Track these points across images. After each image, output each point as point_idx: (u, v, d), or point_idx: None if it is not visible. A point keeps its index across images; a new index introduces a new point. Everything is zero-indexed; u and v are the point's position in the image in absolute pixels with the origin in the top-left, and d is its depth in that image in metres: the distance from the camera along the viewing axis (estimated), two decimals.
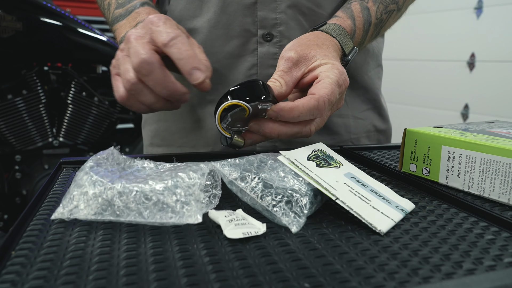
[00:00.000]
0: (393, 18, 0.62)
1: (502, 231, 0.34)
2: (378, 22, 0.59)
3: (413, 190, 0.45)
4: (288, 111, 0.42)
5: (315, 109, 0.43)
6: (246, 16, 0.59)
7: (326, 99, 0.43)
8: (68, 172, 0.49)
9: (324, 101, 0.43)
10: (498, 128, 0.49)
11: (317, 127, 0.47)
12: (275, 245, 0.31)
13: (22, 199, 1.60)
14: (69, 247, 0.30)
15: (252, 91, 0.42)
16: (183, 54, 0.41)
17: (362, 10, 0.57)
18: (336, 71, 0.46)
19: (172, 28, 0.43)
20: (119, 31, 0.55)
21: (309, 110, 0.43)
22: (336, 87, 0.45)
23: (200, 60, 0.41)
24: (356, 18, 0.56)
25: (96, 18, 2.31)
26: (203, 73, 0.40)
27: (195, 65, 0.40)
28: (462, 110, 2.26)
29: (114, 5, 0.58)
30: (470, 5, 2.18)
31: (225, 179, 0.37)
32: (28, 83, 1.57)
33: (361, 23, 0.57)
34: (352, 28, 0.55)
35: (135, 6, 0.56)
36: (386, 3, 0.59)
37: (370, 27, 0.58)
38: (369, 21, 0.58)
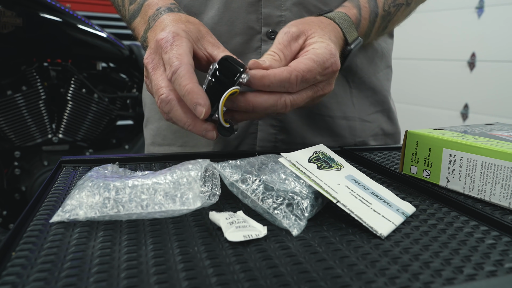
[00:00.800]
0: (402, 13, 0.61)
1: (503, 235, 0.34)
2: (385, 14, 0.58)
3: (414, 192, 0.45)
4: (259, 78, 0.42)
5: (286, 81, 0.42)
6: (250, 13, 0.58)
7: (300, 74, 0.43)
8: (68, 171, 0.49)
9: (297, 76, 0.43)
10: (499, 131, 0.49)
11: (293, 102, 0.45)
12: (276, 248, 0.31)
13: (21, 195, 1.60)
14: (69, 248, 0.30)
15: (231, 69, 0.42)
16: (183, 91, 0.41)
17: (369, 0, 0.57)
18: (326, 51, 0.45)
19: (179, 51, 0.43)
20: (137, 31, 0.55)
21: (279, 81, 0.42)
22: (317, 66, 0.44)
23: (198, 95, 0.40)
24: (362, 8, 0.56)
25: (96, 14, 2.31)
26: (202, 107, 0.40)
27: (194, 101, 0.40)
28: (462, 109, 2.26)
29: (128, 1, 0.57)
30: (472, 4, 2.17)
31: (225, 181, 0.37)
32: (28, 79, 1.57)
33: (367, 13, 0.56)
34: (358, 18, 0.55)
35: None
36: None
37: (376, 19, 0.57)
38: (375, 11, 0.57)
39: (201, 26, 0.49)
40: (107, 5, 2.29)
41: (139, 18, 0.55)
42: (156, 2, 0.53)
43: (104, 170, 0.40)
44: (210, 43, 0.48)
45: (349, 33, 0.52)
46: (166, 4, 0.53)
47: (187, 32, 0.46)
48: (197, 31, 0.48)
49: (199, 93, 0.40)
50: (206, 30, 0.49)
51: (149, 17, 0.52)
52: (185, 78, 0.40)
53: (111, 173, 0.39)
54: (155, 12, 0.52)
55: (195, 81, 0.41)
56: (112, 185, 0.33)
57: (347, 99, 0.64)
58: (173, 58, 0.42)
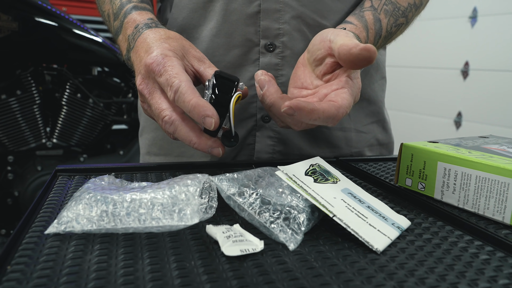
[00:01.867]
0: (401, 31, 0.62)
1: (497, 250, 0.35)
2: (387, 35, 0.59)
3: (409, 205, 0.45)
4: (308, 112, 0.41)
5: (333, 117, 0.43)
6: (248, 25, 0.59)
7: (345, 111, 0.43)
8: (63, 180, 0.49)
9: (343, 113, 0.43)
10: (493, 145, 0.50)
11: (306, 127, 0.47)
12: (272, 262, 0.31)
13: (14, 200, 1.59)
14: (65, 262, 0.30)
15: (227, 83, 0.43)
16: (188, 106, 0.41)
17: (375, 22, 0.57)
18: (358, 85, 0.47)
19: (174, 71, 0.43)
20: (122, 49, 0.55)
21: (327, 117, 0.42)
22: (353, 101, 0.45)
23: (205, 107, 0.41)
24: (369, 30, 0.56)
25: (91, 18, 2.30)
26: (211, 118, 0.40)
27: (202, 114, 0.40)
28: (455, 117, 2.28)
29: (112, 16, 0.58)
30: (465, 14, 2.20)
31: (222, 194, 0.37)
32: (23, 83, 1.56)
33: (373, 35, 0.57)
34: (366, 41, 0.56)
35: (125, 15, 0.55)
36: (396, 16, 0.59)
37: (379, 40, 0.58)
38: (379, 34, 0.58)
39: (182, 41, 0.49)
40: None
41: (121, 35, 0.55)
42: (134, 18, 0.53)
43: (101, 182, 0.39)
44: (195, 58, 0.48)
45: None
46: (143, 19, 0.53)
47: (174, 51, 0.46)
48: (181, 47, 0.48)
49: (205, 106, 0.40)
50: (188, 44, 0.49)
51: (128, 36, 0.53)
52: (188, 94, 0.41)
53: (108, 184, 0.39)
54: (134, 31, 0.52)
55: (198, 95, 0.41)
56: (110, 198, 0.33)
57: None
58: (171, 79, 0.42)
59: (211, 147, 0.43)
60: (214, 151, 0.44)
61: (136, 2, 0.56)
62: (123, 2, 0.57)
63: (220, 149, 0.44)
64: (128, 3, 0.56)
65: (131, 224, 0.32)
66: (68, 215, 0.34)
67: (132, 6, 0.55)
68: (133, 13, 0.54)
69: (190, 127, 0.43)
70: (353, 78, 0.47)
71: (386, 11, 0.59)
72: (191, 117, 0.42)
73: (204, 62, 0.49)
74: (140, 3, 0.57)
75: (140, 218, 0.32)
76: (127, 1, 0.56)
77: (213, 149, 0.44)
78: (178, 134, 0.44)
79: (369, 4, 0.59)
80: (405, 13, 0.60)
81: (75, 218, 0.34)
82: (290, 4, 0.58)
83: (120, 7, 0.56)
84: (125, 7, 0.56)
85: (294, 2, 0.58)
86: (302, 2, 0.58)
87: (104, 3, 0.60)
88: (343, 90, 0.45)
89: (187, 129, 0.43)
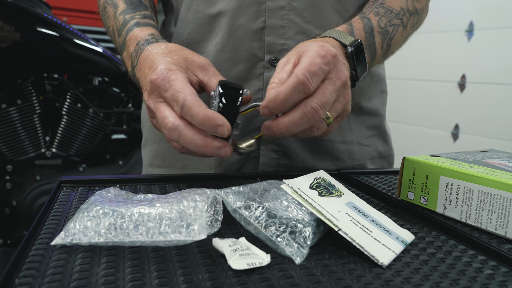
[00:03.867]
0: (401, 35, 0.62)
1: (501, 265, 0.35)
2: (383, 31, 0.59)
3: (412, 219, 0.45)
4: (273, 99, 0.42)
5: (298, 84, 0.42)
6: (253, 41, 0.59)
7: (304, 70, 0.43)
8: (67, 192, 0.49)
9: (303, 73, 0.42)
10: (494, 159, 0.50)
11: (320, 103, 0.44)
12: (279, 276, 0.31)
13: (12, 210, 1.58)
14: (73, 274, 0.30)
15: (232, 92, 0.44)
16: (197, 119, 0.41)
17: (362, 18, 0.58)
18: (314, 45, 0.45)
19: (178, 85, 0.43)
20: (127, 65, 0.56)
21: (292, 88, 0.42)
22: (315, 57, 0.44)
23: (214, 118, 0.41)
24: (353, 23, 0.57)
25: (92, 28, 2.32)
26: (223, 127, 0.41)
27: (214, 124, 0.41)
28: (453, 129, 2.29)
29: (116, 32, 0.59)
30: (462, 27, 2.23)
31: (229, 207, 0.37)
32: (23, 93, 1.57)
33: (361, 25, 0.57)
34: (348, 29, 0.56)
35: (127, 32, 0.56)
36: (390, 18, 0.60)
37: (373, 32, 0.58)
38: (369, 25, 0.58)
39: (184, 52, 0.49)
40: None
41: (125, 52, 0.56)
42: (136, 35, 0.54)
43: (107, 193, 0.40)
44: (199, 68, 0.49)
45: (342, 38, 0.52)
46: (144, 35, 0.54)
47: (177, 64, 0.46)
48: (183, 59, 0.48)
49: (215, 116, 0.41)
50: (190, 53, 0.50)
51: (131, 53, 0.54)
52: (195, 108, 0.41)
53: (114, 197, 0.39)
54: (136, 48, 0.53)
55: (205, 107, 0.41)
56: (118, 212, 0.33)
57: (345, 123, 0.66)
58: (176, 94, 0.43)
59: (218, 148, 0.43)
60: (222, 152, 0.43)
61: (138, 18, 0.57)
62: (126, 19, 0.57)
63: (227, 148, 0.43)
64: (131, 20, 0.57)
65: (138, 238, 0.33)
66: (75, 226, 0.34)
67: (134, 23, 0.56)
68: (135, 29, 0.55)
69: (195, 131, 0.42)
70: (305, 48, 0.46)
71: (376, 12, 0.59)
72: (203, 129, 0.42)
73: (208, 70, 0.49)
74: (143, 18, 0.57)
75: (148, 232, 0.33)
76: (130, 18, 0.57)
77: (220, 150, 0.43)
78: (183, 140, 0.43)
79: (358, 13, 0.60)
80: (398, 16, 0.61)
81: (82, 230, 0.34)
82: (294, 20, 0.59)
83: (123, 23, 0.57)
84: (128, 24, 0.57)
85: (298, 19, 0.59)
86: (306, 19, 0.60)
87: (109, 19, 0.61)
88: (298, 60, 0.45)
89: (192, 133, 0.42)
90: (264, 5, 0.59)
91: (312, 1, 0.59)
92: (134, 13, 0.58)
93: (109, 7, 0.61)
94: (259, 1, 0.59)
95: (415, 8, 0.64)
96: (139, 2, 0.60)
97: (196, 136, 0.42)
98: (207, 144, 0.42)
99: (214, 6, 0.60)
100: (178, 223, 0.33)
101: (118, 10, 0.59)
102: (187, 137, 0.42)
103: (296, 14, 0.59)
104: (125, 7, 0.59)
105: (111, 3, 0.61)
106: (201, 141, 0.42)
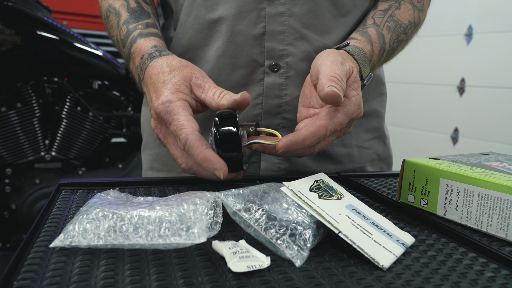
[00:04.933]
0: (401, 48, 0.64)
1: (501, 268, 0.35)
2: (390, 50, 0.61)
3: (412, 222, 0.45)
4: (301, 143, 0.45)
5: (322, 137, 0.46)
6: (253, 46, 0.60)
7: (333, 128, 0.47)
8: (67, 195, 0.49)
9: (331, 130, 0.47)
10: (494, 162, 0.50)
11: (320, 149, 0.50)
12: (279, 279, 0.31)
13: (11, 213, 1.58)
14: (72, 277, 0.30)
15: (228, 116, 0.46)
16: (198, 159, 0.43)
17: (379, 36, 0.59)
18: (356, 104, 0.49)
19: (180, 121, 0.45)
20: (134, 75, 0.57)
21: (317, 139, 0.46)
22: (347, 119, 0.48)
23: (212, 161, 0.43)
24: (373, 44, 0.58)
25: (92, 31, 2.33)
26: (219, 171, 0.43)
27: (211, 167, 0.43)
28: (452, 133, 2.29)
29: (120, 42, 0.59)
30: (461, 31, 2.24)
31: (228, 210, 0.37)
32: (23, 96, 1.57)
33: (378, 49, 0.58)
34: (371, 54, 0.57)
35: (131, 43, 0.56)
36: (398, 33, 0.61)
37: (383, 54, 0.60)
38: (384, 48, 0.60)
39: (184, 70, 0.50)
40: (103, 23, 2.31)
41: (131, 64, 0.57)
42: (140, 48, 0.55)
43: (107, 196, 0.40)
44: (198, 88, 0.50)
45: (364, 69, 0.55)
46: (147, 48, 0.54)
47: (178, 91, 0.48)
48: (184, 80, 0.49)
49: (212, 159, 0.43)
50: (190, 72, 0.50)
51: (136, 67, 0.55)
52: (196, 148, 0.43)
53: (114, 199, 0.39)
54: (140, 62, 0.54)
55: (205, 146, 0.44)
56: (118, 214, 0.33)
57: None
58: (178, 131, 0.45)
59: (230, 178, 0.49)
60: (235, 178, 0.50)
61: (141, 28, 0.57)
62: (130, 29, 0.58)
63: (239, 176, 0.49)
64: (134, 30, 0.57)
65: (138, 240, 0.32)
66: (74, 229, 0.34)
67: (137, 34, 0.57)
68: (138, 41, 0.56)
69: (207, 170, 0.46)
70: (350, 97, 0.49)
71: (388, 27, 0.60)
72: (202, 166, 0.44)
73: (204, 87, 0.50)
74: (145, 28, 0.58)
75: (147, 235, 0.32)
76: (133, 28, 0.57)
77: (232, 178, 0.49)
78: (198, 175, 0.48)
79: (371, 22, 0.60)
80: (405, 30, 0.62)
81: (81, 232, 0.34)
82: (294, 26, 0.60)
83: (127, 34, 0.57)
84: (131, 35, 0.57)
85: (298, 24, 0.60)
86: (305, 24, 0.60)
87: (112, 28, 0.61)
88: (335, 109, 0.48)
89: (204, 171, 0.47)
90: (264, 11, 0.59)
91: (311, 6, 0.60)
92: (136, 22, 0.58)
93: (111, 15, 0.61)
94: (259, 7, 0.59)
95: (419, 19, 0.65)
96: (142, 10, 0.60)
97: (209, 174, 0.45)
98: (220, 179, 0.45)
99: (214, 11, 0.60)
100: (178, 226, 0.33)
101: (121, 19, 0.59)
102: (201, 175, 0.47)
103: (295, 20, 0.59)
104: (128, 16, 0.59)
105: (113, 12, 0.61)
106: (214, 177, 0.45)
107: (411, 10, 0.63)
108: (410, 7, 0.63)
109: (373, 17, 0.62)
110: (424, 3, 0.66)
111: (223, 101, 0.47)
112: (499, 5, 2.03)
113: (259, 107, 0.61)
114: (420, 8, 0.65)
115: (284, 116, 0.62)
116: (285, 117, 0.62)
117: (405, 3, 0.63)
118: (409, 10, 0.63)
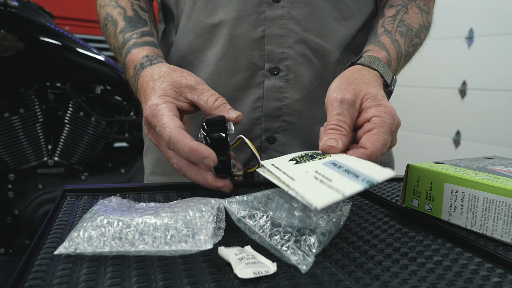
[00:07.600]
0: (416, 51, 0.64)
1: (508, 273, 0.35)
2: (406, 54, 0.60)
3: (417, 227, 0.45)
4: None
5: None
6: (253, 50, 0.60)
7: (379, 154, 0.43)
8: (72, 201, 0.49)
9: (377, 157, 0.43)
10: (498, 166, 0.50)
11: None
12: (286, 285, 0.31)
13: (14, 218, 1.58)
14: (79, 284, 0.30)
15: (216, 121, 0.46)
16: (184, 153, 0.43)
17: (393, 42, 0.58)
18: (389, 116, 0.45)
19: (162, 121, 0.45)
20: (131, 85, 0.57)
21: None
22: (388, 135, 0.44)
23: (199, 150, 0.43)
24: (389, 50, 0.57)
25: (94, 37, 2.34)
26: (208, 158, 0.42)
27: (199, 157, 0.43)
28: (454, 136, 2.29)
29: (117, 51, 0.59)
30: (462, 35, 2.24)
31: (233, 217, 0.37)
32: (26, 101, 1.57)
33: (395, 53, 0.58)
34: (388, 59, 0.56)
35: (126, 54, 0.57)
36: (411, 37, 0.61)
37: (401, 59, 0.59)
38: (400, 52, 0.59)
39: (172, 75, 0.50)
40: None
41: (127, 73, 0.57)
42: (133, 58, 0.56)
43: (110, 202, 0.40)
44: (187, 89, 0.50)
45: (387, 75, 0.53)
46: (139, 59, 0.55)
47: (165, 95, 0.48)
48: (171, 85, 0.49)
49: (199, 149, 0.42)
50: (178, 76, 0.50)
51: (131, 77, 0.56)
52: (179, 143, 0.43)
53: (117, 205, 0.39)
54: (134, 73, 0.55)
55: (189, 139, 0.43)
56: (123, 221, 0.33)
57: None
58: (162, 130, 0.45)
59: (218, 187, 0.47)
60: (222, 190, 0.47)
61: (136, 38, 0.58)
62: (125, 38, 0.58)
63: (226, 188, 0.47)
64: (129, 40, 0.58)
65: (144, 247, 0.33)
66: (79, 236, 0.34)
67: (132, 44, 0.57)
68: (132, 51, 0.56)
69: (196, 171, 0.47)
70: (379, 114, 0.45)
71: (400, 32, 0.60)
72: (191, 160, 0.44)
73: (196, 89, 0.50)
74: (140, 37, 0.58)
75: (154, 242, 0.33)
76: (129, 37, 0.58)
77: (220, 188, 0.47)
78: (188, 177, 0.48)
79: (382, 30, 0.60)
80: (418, 34, 0.62)
81: (86, 240, 0.34)
82: (294, 29, 0.60)
83: (123, 43, 0.58)
84: (126, 45, 0.57)
85: (297, 27, 0.60)
86: (305, 27, 0.60)
87: (110, 37, 0.61)
88: (373, 130, 0.44)
89: (193, 173, 0.47)
90: (264, 14, 0.59)
91: (311, 10, 0.60)
92: (132, 31, 0.58)
93: (109, 24, 0.61)
94: (258, 10, 0.59)
95: (429, 22, 0.65)
96: (138, 18, 0.61)
97: (198, 176, 0.46)
98: (208, 185, 0.47)
99: (214, 15, 0.60)
100: (184, 233, 0.33)
101: (117, 28, 0.60)
102: (190, 177, 0.47)
103: (295, 23, 0.60)
104: (124, 25, 0.59)
105: (111, 20, 0.61)
106: (202, 181, 0.46)
107: (419, 14, 0.63)
108: (418, 11, 0.63)
109: (383, 25, 0.61)
110: (430, 5, 0.66)
111: (217, 112, 0.48)
112: (499, 8, 2.04)
113: (259, 110, 0.61)
114: (427, 11, 0.65)
115: (284, 119, 0.62)
116: (285, 120, 0.62)
117: (412, 7, 0.63)
118: (417, 14, 0.63)
